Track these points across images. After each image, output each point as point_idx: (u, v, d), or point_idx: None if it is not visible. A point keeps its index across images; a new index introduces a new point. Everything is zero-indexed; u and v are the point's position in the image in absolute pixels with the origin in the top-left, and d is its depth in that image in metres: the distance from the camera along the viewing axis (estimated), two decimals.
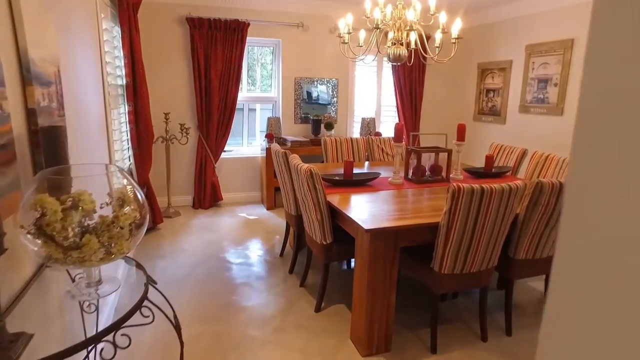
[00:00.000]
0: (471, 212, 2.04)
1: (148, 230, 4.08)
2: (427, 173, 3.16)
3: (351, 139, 4.05)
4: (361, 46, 3.41)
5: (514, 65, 5.04)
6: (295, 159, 2.68)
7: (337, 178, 2.92)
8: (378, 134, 5.26)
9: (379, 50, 3.34)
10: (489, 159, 3.37)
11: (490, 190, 2.01)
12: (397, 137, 2.94)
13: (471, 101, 5.75)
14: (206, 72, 4.76)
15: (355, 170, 3.40)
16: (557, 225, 2.38)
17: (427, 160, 3.20)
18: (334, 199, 2.58)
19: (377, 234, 2.06)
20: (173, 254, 3.64)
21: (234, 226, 4.42)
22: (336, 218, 2.49)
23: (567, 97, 4.41)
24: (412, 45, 3.49)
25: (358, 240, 2.20)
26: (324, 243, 2.55)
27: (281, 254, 3.65)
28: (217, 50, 4.73)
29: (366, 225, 2.06)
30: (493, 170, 3.40)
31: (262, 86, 5.58)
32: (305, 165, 2.43)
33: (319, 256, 2.67)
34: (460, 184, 1.99)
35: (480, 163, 5.77)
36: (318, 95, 5.38)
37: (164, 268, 3.34)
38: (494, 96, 5.37)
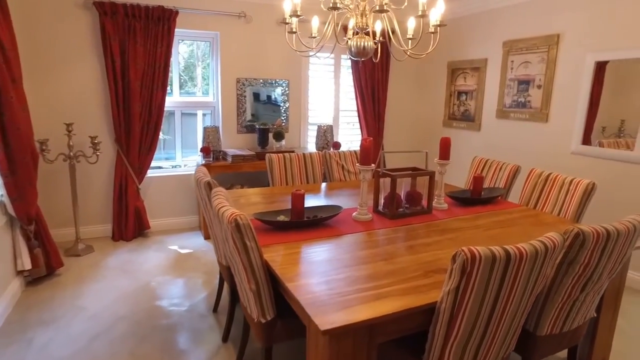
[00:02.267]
0: (490, 290, 1.28)
1: (40, 280, 3.09)
2: (403, 204, 2.40)
3: (303, 155, 3.24)
4: (314, 37, 2.61)
5: (489, 65, 4.41)
6: (218, 196, 1.83)
7: (281, 218, 2.09)
8: (337, 145, 4.48)
9: (337, 41, 2.56)
10: (478, 181, 2.66)
11: (519, 255, 1.26)
12: (364, 158, 2.15)
13: (440, 105, 5.10)
14: (123, 71, 3.80)
15: (310, 201, 2.58)
16: (595, 288, 1.67)
17: (402, 186, 2.44)
18: (277, 254, 1.75)
19: (341, 334, 1.26)
20: (66, 315, 2.68)
21: (160, 265, 3.49)
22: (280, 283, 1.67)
23: (553, 101, 3.81)
24: (379, 36, 2.74)
25: (311, 338, 1.38)
26: (263, 321, 1.72)
27: (215, 309, 2.78)
28: (136, 44, 3.78)
29: (323, 319, 1.25)
30: (483, 194, 2.70)
31: (206, 88, 4.67)
32: (230, 211, 1.59)
33: (257, 337, 1.83)
34: (473, 249, 1.21)
35: (454, 179, 5.17)
36: (266, 99, 4.53)
37: (43, 344, 2.38)
38: (466, 99, 4.74)
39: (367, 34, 2.50)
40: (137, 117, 3.87)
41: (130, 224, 4.02)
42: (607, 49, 3.39)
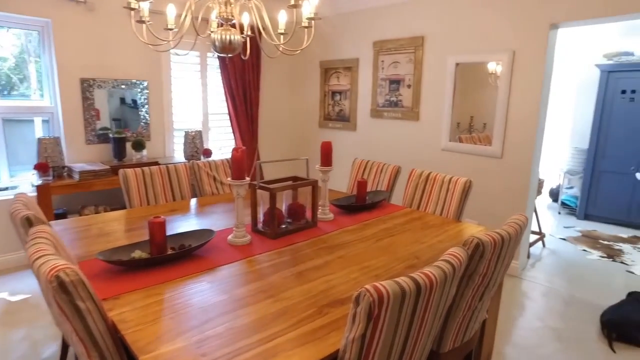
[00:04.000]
0: (400, 329, 1.06)
1: None
2: (286, 219, 2.13)
3: (167, 167, 2.76)
4: (171, 29, 2.19)
5: (361, 64, 4.41)
6: (37, 241, 1.32)
7: (137, 255, 1.64)
8: (207, 152, 4.04)
9: (197, 32, 2.17)
10: (362, 186, 2.52)
11: (429, 284, 1.06)
12: (237, 171, 1.82)
13: (315, 105, 4.99)
14: None
15: (176, 225, 2.16)
16: (490, 293, 1.59)
17: (284, 199, 2.17)
18: (131, 307, 1.32)
19: None
20: None
21: None
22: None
23: (422, 100, 3.93)
24: (247, 30, 2.42)
25: None
26: None
27: None
28: None
29: None
30: (367, 199, 2.57)
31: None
32: (50, 265, 1.12)
33: None
34: (379, 287, 0.97)
35: (335, 182, 5.10)
36: (130, 103, 3.87)
37: None
38: (340, 99, 4.69)
39: (233, 26, 2.16)
40: None
41: None
42: (461, 52, 3.58)
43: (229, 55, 2.20)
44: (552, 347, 2.51)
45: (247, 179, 1.85)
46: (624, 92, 4.80)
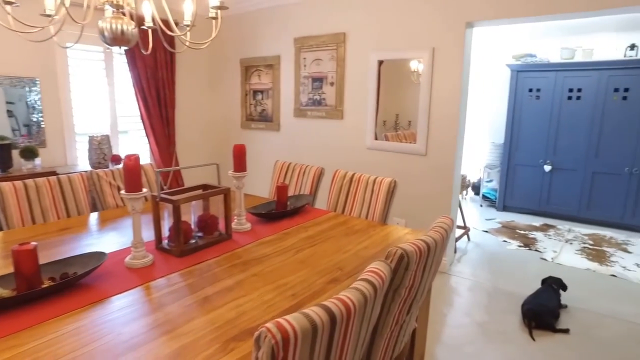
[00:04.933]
0: None
1: None
2: (195, 233, 1.89)
3: (58, 179, 2.37)
4: (49, 15, 1.86)
5: (283, 62, 4.23)
6: None
7: (4, 293, 1.33)
8: (116, 158, 3.63)
9: (70, 17, 1.85)
10: (282, 191, 2.34)
11: (346, 312, 0.90)
12: (131, 183, 1.55)
13: (237, 105, 4.73)
14: None
15: (64, 249, 1.82)
16: (419, 304, 1.48)
17: (192, 210, 1.92)
18: None
19: None
20: None
21: None
22: None
23: (346, 98, 3.84)
24: (149, 21, 2.14)
25: None
26: None
27: None
28: None
29: None
30: (289, 204, 2.39)
31: None
32: None
33: None
34: (283, 324, 0.79)
35: (258, 187, 4.88)
36: (7, 103, 3.35)
37: None
38: (262, 98, 4.48)
39: (125, 14, 1.88)
40: None
41: None
42: (383, 49, 3.54)
43: (123, 47, 1.91)
44: (478, 343, 2.51)
45: (145, 190, 1.59)
46: (530, 90, 5.08)
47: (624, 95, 4.61)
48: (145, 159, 4.37)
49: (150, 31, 2.17)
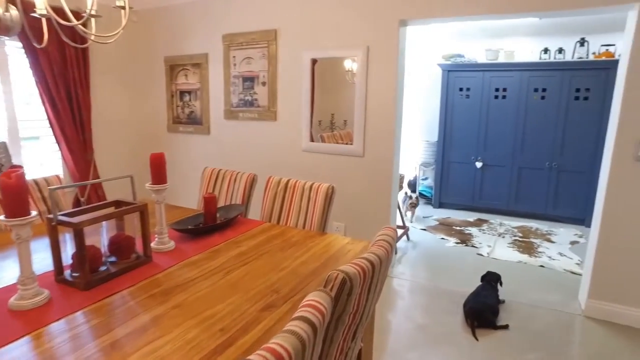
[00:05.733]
0: None
1: None
2: (107, 258, 1.61)
3: None
4: None
5: (211, 60, 3.95)
6: None
7: None
8: (15, 169, 3.17)
9: None
10: (210, 202, 2.11)
11: None
12: (12, 206, 1.26)
13: (163, 107, 4.37)
14: None
15: None
16: (365, 326, 1.34)
17: (104, 231, 1.65)
18: None
19: None
20: None
21: None
22: None
23: (279, 98, 3.66)
24: (41, 8, 1.82)
25: None
26: None
27: None
28: None
29: None
30: (219, 216, 2.17)
31: None
32: None
33: None
34: None
35: (187, 197, 4.55)
36: None
37: None
38: (190, 100, 4.17)
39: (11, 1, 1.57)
40: None
41: None
42: (317, 47, 3.40)
43: (4, 37, 1.58)
44: (422, 347, 2.45)
45: (34, 213, 1.31)
46: (461, 89, 5.22)
47: (542, 95, 4.87)
48: (57, 168, 3.89)
49: (44, 21, 1.84)
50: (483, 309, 2.68)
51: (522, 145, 5.03)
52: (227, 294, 1.44)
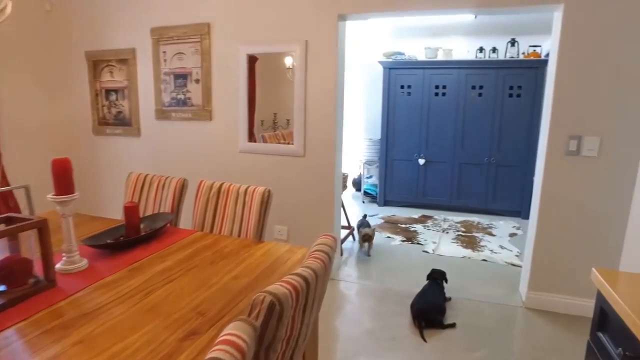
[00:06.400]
0: None
1: None
2: None
3: None
4: None
5: (139, 56, 3.65)
6: None
7: None
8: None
9: None
10: (131, 212, 1.88)
11: None
12: None
13: (86, 107, 3.99)
14: None
15: None
16: (303, 347, 1.20)
17: None
18: None
19: None
20: None
21: None
22: None
23: (214, 96, 3.44)
24: None
25: None
26: None
27: None
28: None
29: None
30: (142, 227, 1.94)
31: None
32: None
33: None
34: None
35: (116, 208, 4.11)
36: None
37: None
38: (117, 99, 3.84)
39: None
40: None
41: None
42: (253, 42, 3.22)
43: None
44: (371, 353, 2.35)
45: None
46: (402, 87, 5.24)
47: (480, 92, 4.99)
48: None
49: None
50: (430, 309, 2.63)
51: (462, 142, 5.13)
52: (144, 320, 1.24)
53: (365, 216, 4.33)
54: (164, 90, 3.58)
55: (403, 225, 4.76)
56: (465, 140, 5.11)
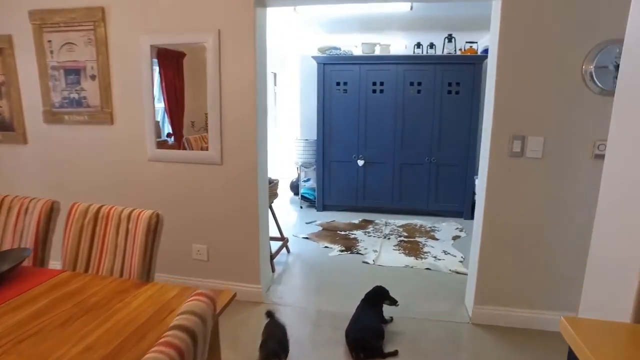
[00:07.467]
0: None
1: None
2: None
3: None
4: None
5: (17, 45, 3.02)
6: None
7: None
8: None
9: None
10: None
11: None
12: None
13: None
14: None
15: None
16: None
17: None
18: None
19: None
20: None
21: None
22: None
23: (115, 95, 2.91)
24: None
25: None
26: None
27: None
28: None
29: None
30: None
31: None
32: None
33: None
34: None
35: None
36: None
37: None
38: None
39: None
40: None
41: None
42: (157, 30, 2.73)
43: None
44: None
45: None
46: (338, 83, 4.92)
47: (418, 89, 4.78)
48: None
49: None
50: (366, 337, 2.30)
51: (402, 141, 4.90)
52: None
53: (271, 315, 2.39)
54: (53, 89, 2.99)
55: (342, 233, 4.44)
56: (405, 140, 4.89)
